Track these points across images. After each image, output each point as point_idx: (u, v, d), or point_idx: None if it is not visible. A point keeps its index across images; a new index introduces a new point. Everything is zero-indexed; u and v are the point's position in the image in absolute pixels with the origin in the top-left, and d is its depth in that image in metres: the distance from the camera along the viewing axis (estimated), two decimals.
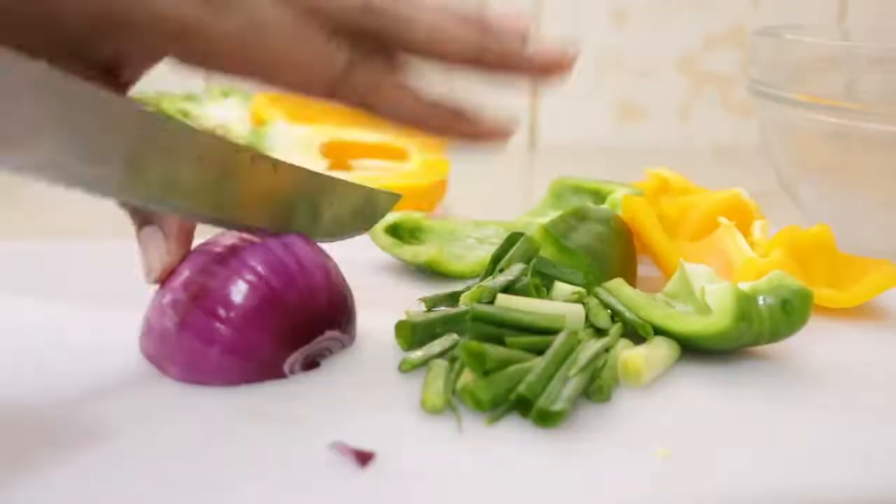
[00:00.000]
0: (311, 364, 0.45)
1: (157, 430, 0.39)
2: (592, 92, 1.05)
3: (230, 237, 0.46)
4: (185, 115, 0.80)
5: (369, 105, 0.45)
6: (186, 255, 0.46)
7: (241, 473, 0.36)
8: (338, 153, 0.77)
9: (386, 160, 0.79)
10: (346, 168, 0.77)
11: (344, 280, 0.47)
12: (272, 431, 0.40)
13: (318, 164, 0.75)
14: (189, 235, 0.46)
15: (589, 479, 0.37)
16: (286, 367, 0.44)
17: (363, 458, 0.37)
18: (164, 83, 0.85)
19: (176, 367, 0.43)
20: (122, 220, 0.47)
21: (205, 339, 0.43)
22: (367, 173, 0.74)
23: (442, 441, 0.39)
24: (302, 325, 0.44)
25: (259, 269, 0.44)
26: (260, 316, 0.43)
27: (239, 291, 0.43)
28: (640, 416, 0.42)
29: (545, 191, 0.68)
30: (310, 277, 0.45)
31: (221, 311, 0.43)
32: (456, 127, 0.46)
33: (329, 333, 0.46)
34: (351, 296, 0.47)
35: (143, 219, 0.45)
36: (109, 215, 0.47)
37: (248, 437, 0.39)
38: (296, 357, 0.44)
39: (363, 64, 0.44)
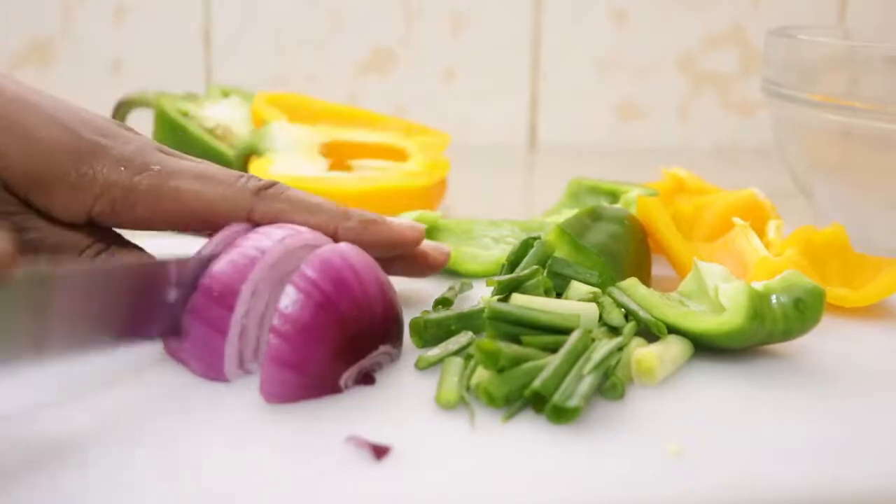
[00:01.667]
0: (364, 378, 0.44)
1: (174, 423, 0.39)
2: (592, 92, 1.05)
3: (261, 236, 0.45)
4: (185, 114, 0.79)
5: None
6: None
7: (257, 467, 0.36)
8: (338, 153, 0.77)
9: (386, 160, 0.78)
10: (346, 168, 0.77)
11: (395, 292, 0.46)
12: (289, 425, 0.40)
13: (319, 164, 0.75)
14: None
15: (602, 475, 0.37)
16: (342, 383, 0.43)
17: (379, 451, 0.37)
18: (164, 83, 0.85)
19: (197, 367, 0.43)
20: None
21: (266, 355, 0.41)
22: (367, 173, 0.74)
23: (456, 436, 0.39)
24: (358, 339, 0.43)
25: (314, 276, 0.42)
26: (316, 328, 0.41)
27: (293, 301, 0.41)
28: (653, 413, 0.42)
29: (545, 191, 0.68)
30: (366, 288, 0.43)
31: (276, 322, 0.41)
32: (371, 231, 0.49)
33: (383, 348, 0.44)
34: (401, 309, 0.46)
35: None
36: None
37: (266, 431, 0.39)
38: (350, 373, 0.43)
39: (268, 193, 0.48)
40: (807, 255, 0.55)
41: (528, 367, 0.42)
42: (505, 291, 0.48)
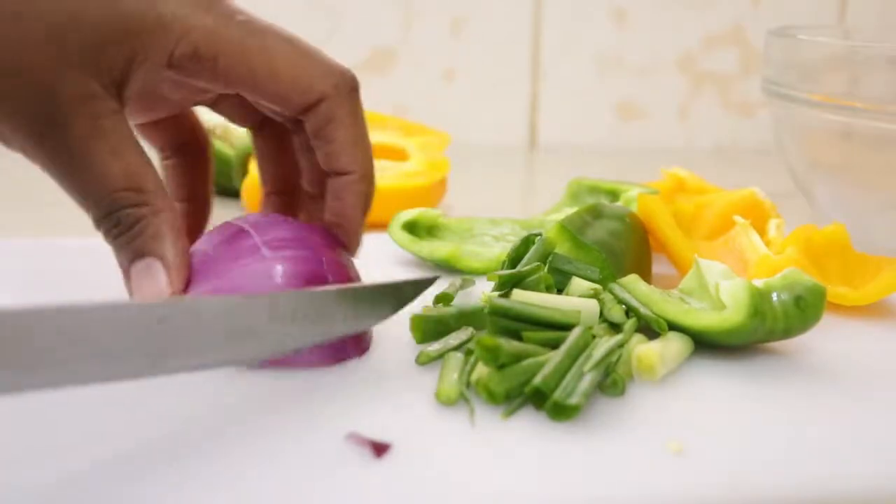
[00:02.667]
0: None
1: (178, 422, 0.39)
2: (592, 92, 1.05)
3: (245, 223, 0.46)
4: None
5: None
6: (186, 286, 0.45)
7: (258, 463, 0.36)
8: None
9: (386, 160, 0.78)
10: None
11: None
12: (290, 422, 0.40)
13: None
14: (188, 267, 0.45)
15: (601, 471, 0.37)
16: None
17: (379, 448, 0.37)
18: None
19: None
20: None
21: None
22: None
23: (456, 432, 0.39)
24: None
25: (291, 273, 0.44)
26: None
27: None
28: (654, 410, 0.42)
29: (545, 191, 0.68)
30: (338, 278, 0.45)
31: None
32: None
33: None
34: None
35: (134, 252, 0.44)
36: None
37: (267, 427, 0.39)
38: None
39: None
40: (807, 254, 0.55)
41: (529, 364, 0.41)
42: (506, 287, 0.48)
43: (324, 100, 0.46)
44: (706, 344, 0.47)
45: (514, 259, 0.52)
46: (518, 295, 0.47)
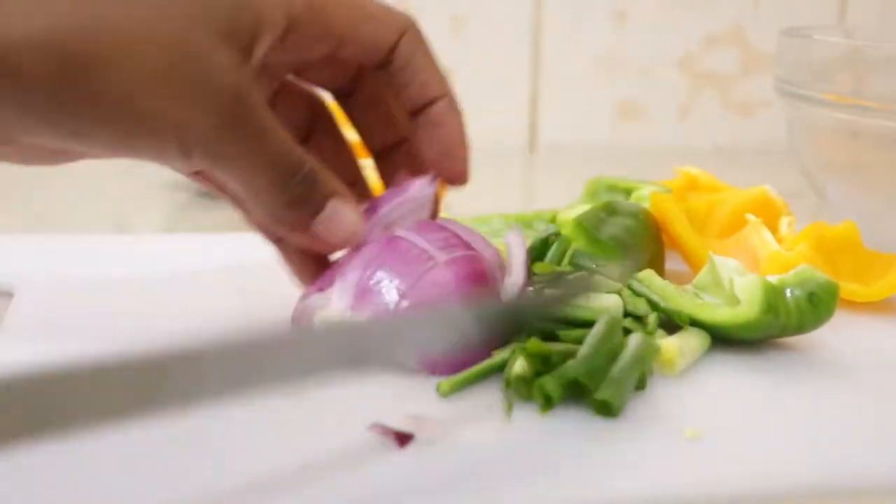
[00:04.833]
0: None
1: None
2: (592, 92, 1.05)
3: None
4: None
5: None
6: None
7: (283, 453, 0.37)
8: None
9: None
10: None
11: None
12: (315, 412, 0.40)
13: None
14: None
15: (624, 462, 0.38)
16: None
17: (402, 439, 0.38)
18: None
19: None
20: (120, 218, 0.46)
21: None
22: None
23: (478, 425, 0.40)
24: None
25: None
26: None
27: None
28: (673, 402, 0.43)
29: (546, 190, 0.68)
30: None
31: None
32: None
33: None
34: None
35: (316, 205, 0.44)
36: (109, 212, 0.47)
37: (292, 418, 0.40)
38: None
39: None
40: (819, 251, 0.55)
41: (574, 364, 0.41)
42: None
43: (405, 33, 0.48)
44: (720, 338, 0.48)
45: (533, 258, 0.52)
46: None
